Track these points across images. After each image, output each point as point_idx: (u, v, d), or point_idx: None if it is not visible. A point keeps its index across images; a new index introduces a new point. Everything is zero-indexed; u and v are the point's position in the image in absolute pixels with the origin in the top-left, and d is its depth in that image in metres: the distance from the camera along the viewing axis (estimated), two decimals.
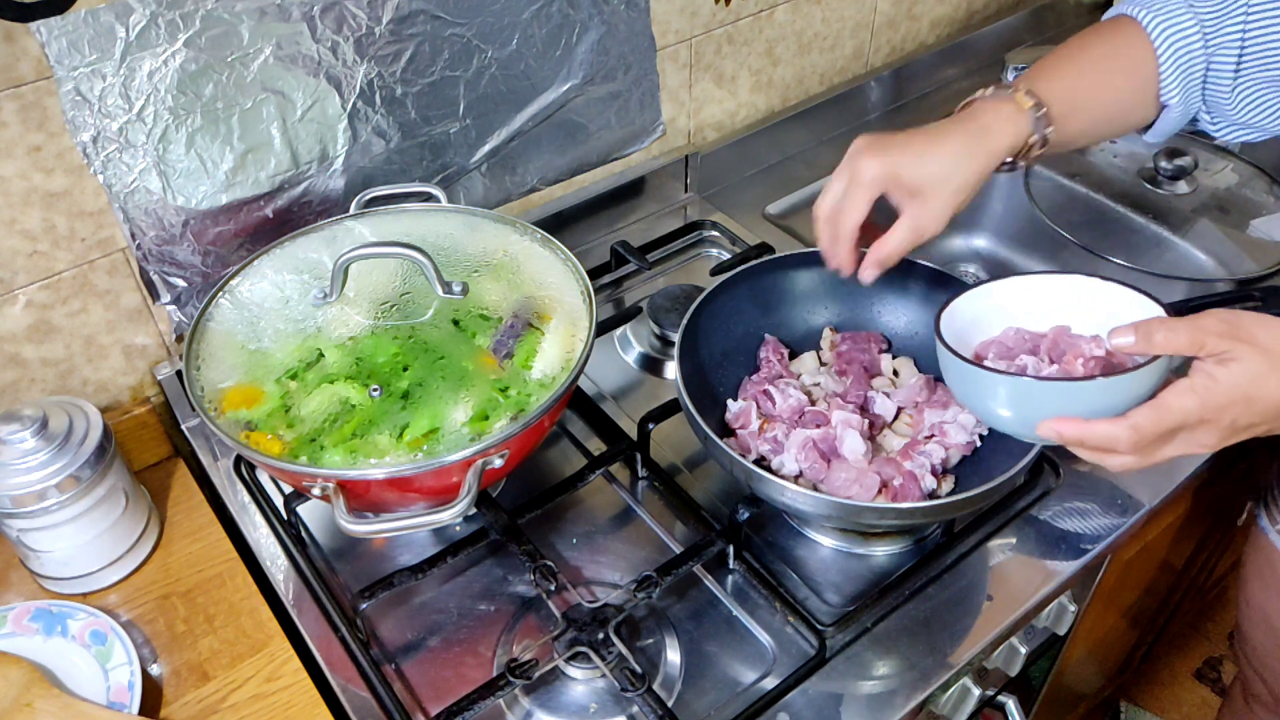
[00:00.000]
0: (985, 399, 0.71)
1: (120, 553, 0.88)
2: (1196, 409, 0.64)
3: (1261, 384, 0.64)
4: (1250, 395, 0.64)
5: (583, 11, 1.08)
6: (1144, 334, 0.65)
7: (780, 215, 1.32)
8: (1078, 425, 0.66)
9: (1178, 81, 0.83)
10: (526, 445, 0.83)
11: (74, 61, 0.81)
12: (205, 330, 0.86)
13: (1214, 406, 0.64)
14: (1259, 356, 0.63)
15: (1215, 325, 0.64)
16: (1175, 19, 0.82)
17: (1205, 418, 0.65)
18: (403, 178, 1.06)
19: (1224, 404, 0.64)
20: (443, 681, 0.81)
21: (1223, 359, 0.64)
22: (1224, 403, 0.64)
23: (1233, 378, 0.64)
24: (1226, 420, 0.65)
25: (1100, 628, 1.26)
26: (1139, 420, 0.65)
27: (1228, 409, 0.64)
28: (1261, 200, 1.30)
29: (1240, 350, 0.63)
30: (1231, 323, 0.64)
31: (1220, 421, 0.65)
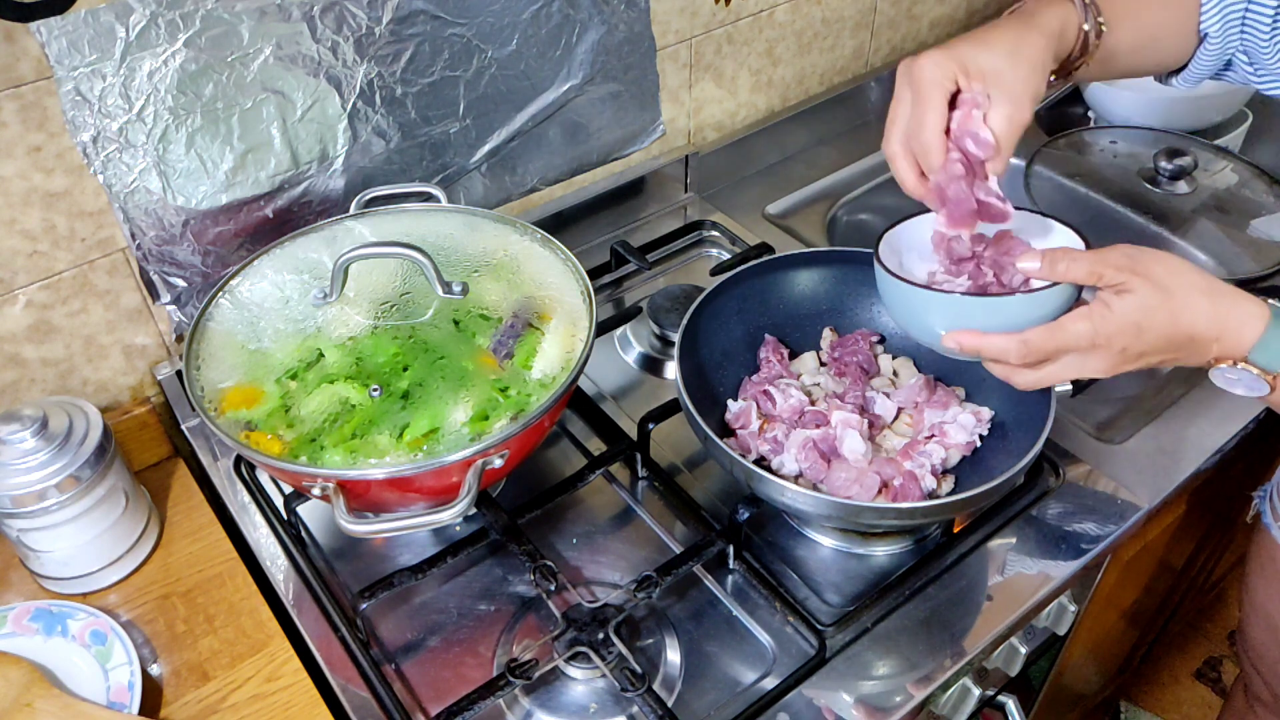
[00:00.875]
0: (910, 314, 0.77)
1: (120, 553, 0.88)
2: (1088, 333, 0.69)
3: (1152, 315, 0.68)
4: (1140, 325, 0.69)
5: (583, 11, 1.08)
6: (1049, 261, 0.70)
7: (780, 215, 1.32)
8: (976, 337, 0.72)
9: (1217, 11, 0.82)
10: (526, 445, 0.83)
11: (74, 61, 0.81)
12: (205, 330, 0.86)
13: (1105, 334, 0.69)
14: (1152, 289, 0.68)
15: (1115, 259, 0.69)
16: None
17: (1096, 343, 0.70)
18: (403, 178, 1.06)
19: (1114, 331, 0.69)
20: (443, 681, 0.81)
21: (1119, 290, 0.69)
22: (1114, 330, 0.69)
23: (1125, 307, 0.69)
24: (1117, 347, 0.70)
25: (1100, 628, 1.26)
26: (1030, 336, 0.70)
27: (1117, 336, 0.69)
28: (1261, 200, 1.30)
29: (1135, 283, 0.68)
30: (1132, 257, 0.69)
31: (1111, 348, 0.70)
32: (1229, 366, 0.71)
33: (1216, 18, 0.83)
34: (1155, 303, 0.68)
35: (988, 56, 0.72)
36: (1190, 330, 0.70)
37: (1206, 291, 0.70)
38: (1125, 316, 0.69)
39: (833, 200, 1.34)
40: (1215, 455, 0.98)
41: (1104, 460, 0.97)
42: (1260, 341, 0.70)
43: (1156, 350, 0.71)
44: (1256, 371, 0.71)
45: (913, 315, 0.78)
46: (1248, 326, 0.70)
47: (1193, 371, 1.06)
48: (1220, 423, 1.00)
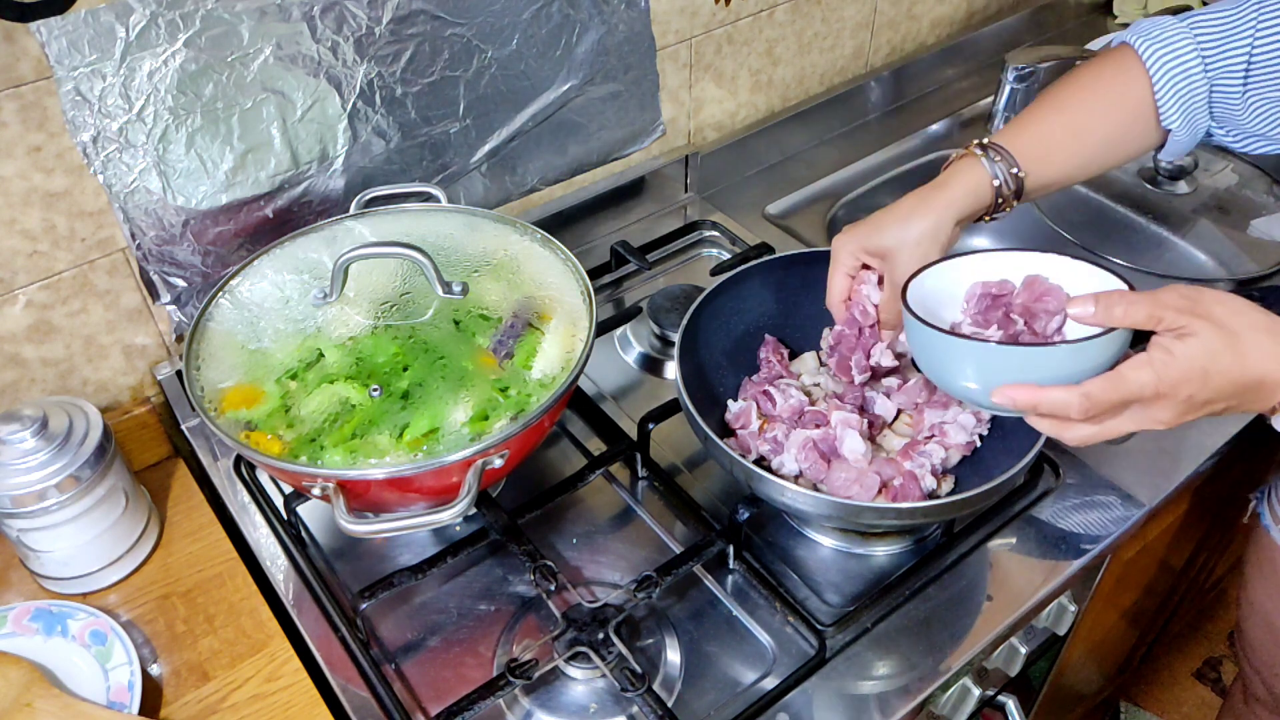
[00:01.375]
0: (946, 367, 0.71)
1: (120, 553, 0.88)
2: (1152, 383, 0.64)
3: (1217, 360, 0.64)
4: (1207, 370, 0.64)
5: (583, 11, 1.08)
6: (1104, 306, 0.65)
7: (780, 215, 1.32)
8: (1031, 391, 0.66)
9: (1177, 108, 0.83)
10: (526, 445, 0.83)
11: (74, 61, 0.81)
12: (205, 330, 0.86)
13: (1170, 381, 0.64)
14: (1216, 332, 0.64)
15: (1174, 300, 0.65)
16: (1171, 45, 0.82)
17: (1161, 392, 0.64)
18: (403, 178, 1.06)
19: (1179, 379, 0.64)
20: (443, 681, 0.81)
21: (1180, 334, 0.64)
22: (1179, 378, 0.64)
23: (1189, 353, 0.64)
24: (1183, 395, 0.65)
25: (1100, 628, 1.26)
26: (1092, 389, 0.64)
27: (1183, 384, 0.64)
28: (1261, 200, 1.30)
29: (1198, 326, 0.64)
30: (1191, 298, 0.65)
31: (1176, 397, 0.65)
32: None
33: (1178, 115, 0.83)
34: (1220, 346, 0.64)
35: (879, 237, 0.82)
36: (1259, 373, 0.65)
37: (1271, 331, 0.65)
38: (1191, 362, 0.64)
39: (833, 200, 1.34)
40: (1215, 456, 0.98)
41: (1104, 460, 0.97)
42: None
43: (1223, 396, 0.66)
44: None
45: (949, 368, 0.71)
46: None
47: None
48: (1220, 423, 1.00)
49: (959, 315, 0.78)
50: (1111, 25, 1.70)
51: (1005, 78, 1.39)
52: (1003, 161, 0.82)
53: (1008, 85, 1.39)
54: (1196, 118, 0.84)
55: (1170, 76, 0.82)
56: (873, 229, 0.83)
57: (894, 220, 0.82)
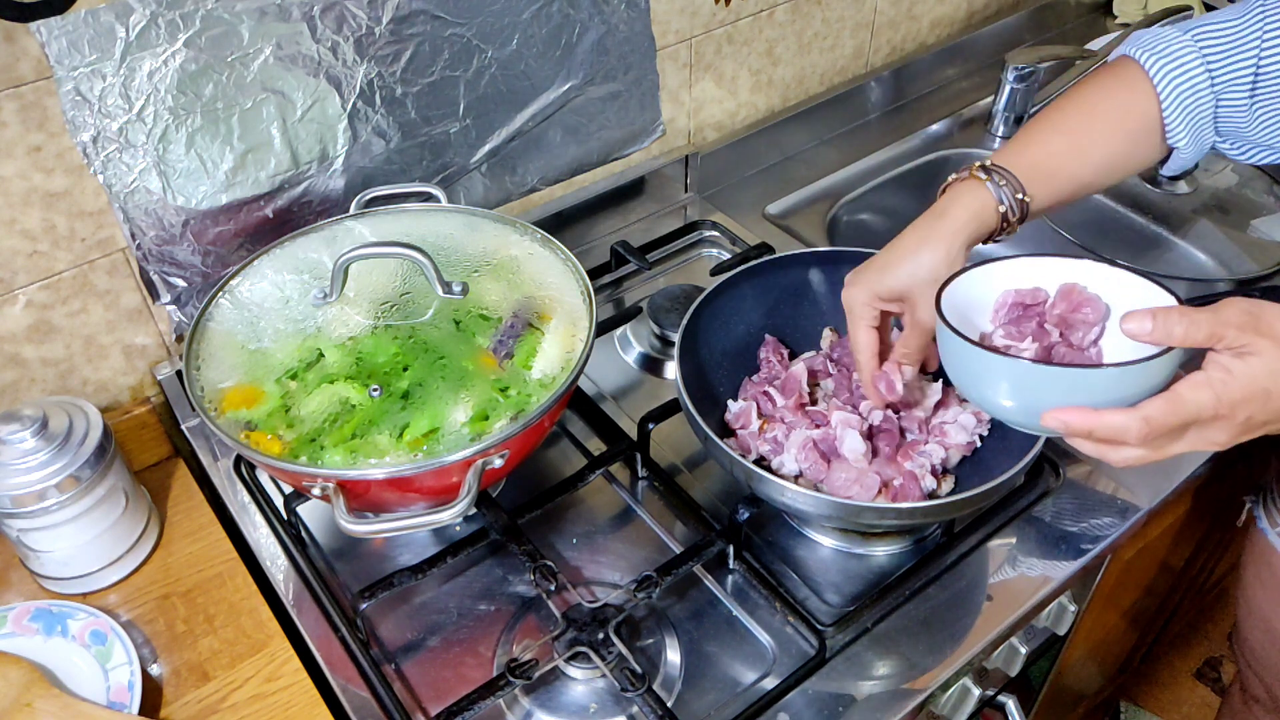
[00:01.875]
0: (987, 386, 0.66)
1: (120, 553, 0.88)
2: (1211, 403, 0.61)
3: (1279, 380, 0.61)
4: (1269, 391, 0.61)
5: (583, 11, 1.08)
6: (1162, 323, 0.61)
7: (780, 215, 1.32)
8: (1086, 415, 0.62)
9: (1184, 125, 0.81)
10: (526, 445, 0.83)
11: (74, 61, 0.81)
12: (205, 330, 0.86)
13: (1229, 402, 0.61)
14: (1278, 351, 0.61)
15: (1236, 317, 0.61)
16: (1179, 60, 0.79)
17: (1220, 413, 0.62)
18: (403, 178, 1.06)
19: (1239, 399, 0.61)
20: (443, 681, 0.81)
21: (1240, 353, 0.61)
22: (1240, 398, 0.61)
23: (1250, 372, 0.61)
24: (1241, 416, 0.62)
25: (1100, 628, 1.26)
26: (1151, 412, 0.61)
27: (1243, 405, 0.62)
28: (1261, 200, 1.30)
29: (1260, 345, 0.61)
30: (1254, 314, 0.61)
31: (1235, 418, 0.62)
32: None
33: (1185, 133, 0.81)
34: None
35: (893, 280, 0.80)
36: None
37: None
38: (1253, 382, 0.61)
39: (833, 200, 1.34)
40: (1215, 456, 0.98)
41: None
42: None
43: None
44: None
45: (987, 385, 0.66)
46: None
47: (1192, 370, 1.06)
48: None
49: (989, 325, 0.75)
50: (1111, 25, 1.70)
51: (1005, 78, 1.39)
52: (1007, 185, 0.79)
53: (1008, 85, 1.39)
54: (1202, 134, 0.82)
55: (1179, 94, 0.80)
56: (882, 272, 0.80)
57: (903, 258, 0.79)
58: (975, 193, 0.80)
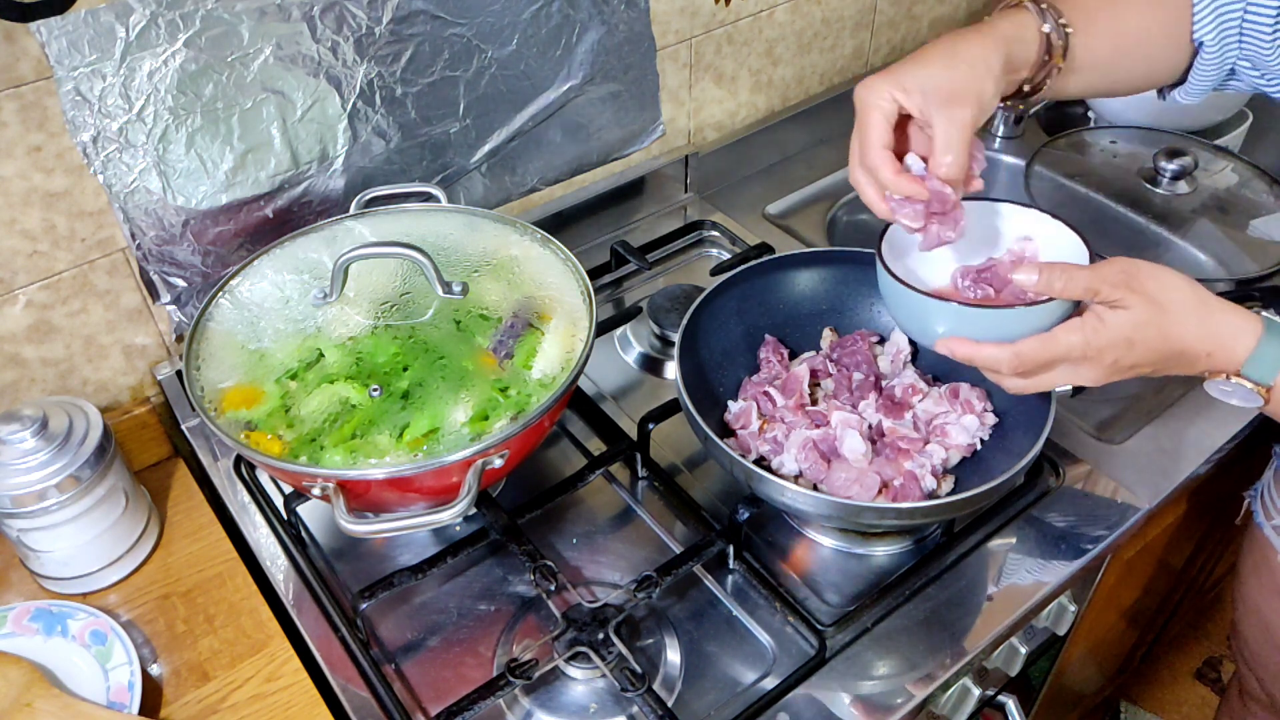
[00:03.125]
0: (901, 311, 0.79)
1: (120, 553, 0.88)
2: (1080, 345, 0.70)
3: (1143, 330, 0.70)
4: (1131, 340, 0.70)
5: (583, 11, 1.08)
6: (1045, 277, 0.70)
7: (780, 215, 1.32)
8: (969, 345, 0.73)
9: (1211, 18, 0.81)
10: (526, 445, 0.83)
11: (74, 61, 0.81)
12: (205, 330, 0.86)
13: (1096, 346, 0.70)
14: (1146, 305, 0.69)
15: (1112, 275, 0.70)
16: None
17: (1088, 355, 0.71)
18: (403, 178, 1.06)
19: (1105, 345, 0.70)
20: (443, 681, 0.81)
21: (1114, 305, 0.70)
22: (1105, 344, 0.70)
23: (1118, 322, 0.70)
24: (1108, 360, 0.71)
25: (1100, 628, 1.26)
26: (1023, 348, 0.71)
27: (1109, 350, 0.70)
28: (1261, 200, 1.30)
29: (1131, 299, 0.69)
30: (1128, 273, 0.70)
31: (1101, 360, 0.71)
32: (1223, 380, 0.72)
33: (1211, 24, 0.81)
34: (1147, 318, 0.70)
35: (922, 70, 0.72)
36: (1180, 345, 0.71)
37: (1198, 307, 0.71)
38: (1117, 331, 0.70)
39: (833, 200, 1.34)
40: (1215, 455, 0.98)
41: (1104, 460, 0.97)
42: (1252, 356, 0.71)
43: (1147, 363, 0.72)
44: (1250, 385, 0.72)
45: (911, 318, 0.79)
46: (1240, 341, 0.71)
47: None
48: (1220, 423, 1.00)
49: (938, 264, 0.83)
50: None
51: None
52: (1051, 11, 0.77)
53: None
54: (1227, 39, 0.81)
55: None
56: (913, 63, 0.73)
57: (936, 53, 0.73)
58: (1019, 15, 0.77)
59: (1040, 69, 0.78)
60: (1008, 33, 0.75)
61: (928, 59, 0.73)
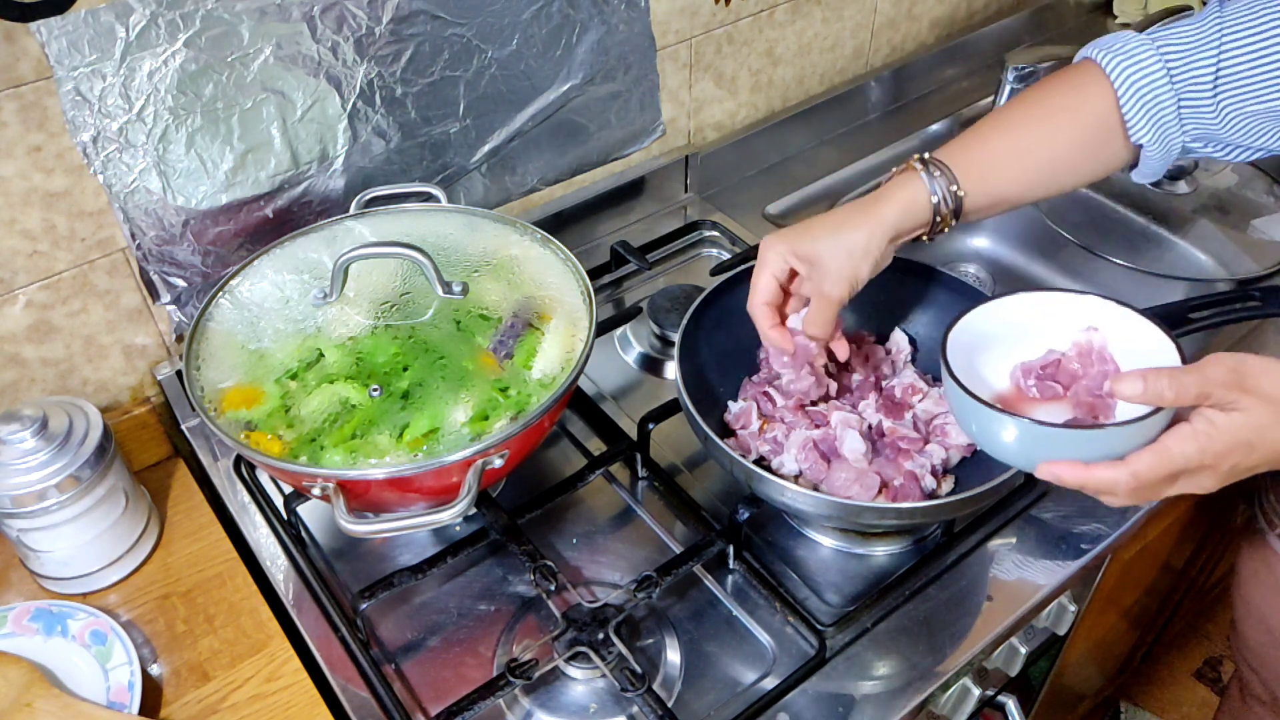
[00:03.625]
0: (987, 433, 0.71)
1: (120, 553, 0.88)
2: (1196, 455, 0.64)
3: (1264, 433, 0.64)
4: (1252, 443, 0.64)
5: (583, 11, 1.08)
6: (1152, 387, 0.64)
7: (780, 215, 1.32)
8: (1077, 470, 0.66)
9: (1145, 120, 0.80)
10: (526, 445, 0.83)
11: (74, 61, 0.81)
12: (205, 330, 0.86)
13: (1214, 453, 0.64)
14: (1263, 407, 0.63)
15: (1222, 376, 0.64)
16: (1135, 58, 0.79)
17: (1205, 463, 0.65)
18: (403, 178, 1.06)
19: (1224, 451, 0.64)
20: (443, 681, 0.81)
21: (1226, 408, 0.64)
22: (1224, 450, 0.64)
23: (1234, 426, 0.64)
24: (1226, 466, 0.65)
25: (1100, 628, 1.26)
26: (1139, 467, 0.65)
27: (1228, 456, 0.64)
28: (1261, 200, 1.30)
29: (1245, 401, 0.63)
30: (1238, 371, 0.64)
31: (1220, 467, 0.65)
32: None
33: (1147, 129, 0.80)
34: (1267, 420, 0.64)
35: (810, 243, 0.81)
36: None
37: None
38: (1234, 435, 0.64)
39: (833, 200, 1.34)
40: None
41: None
42: None
43: (1266, 463, 0.66)
44: None
45: (992, 437, 0.70)
46: None
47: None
48: None
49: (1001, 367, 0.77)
50: (1111, 25, 1.70)
51: (1005, 78, 1.38)
52: (943, 178, 0.80)
53: (1008, 85, 1.39)
54: (1168, 132, 0.81)
55: (1137, 89, 0.79)
56: (803, 233, 0.82)
57: (826, 228, 0.81)
58: (911, 183, 0.81)
59: (933, 228, 0.82)
60: (892, 214, 0.80)
61: (815, 234, 0.81)
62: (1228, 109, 0.78)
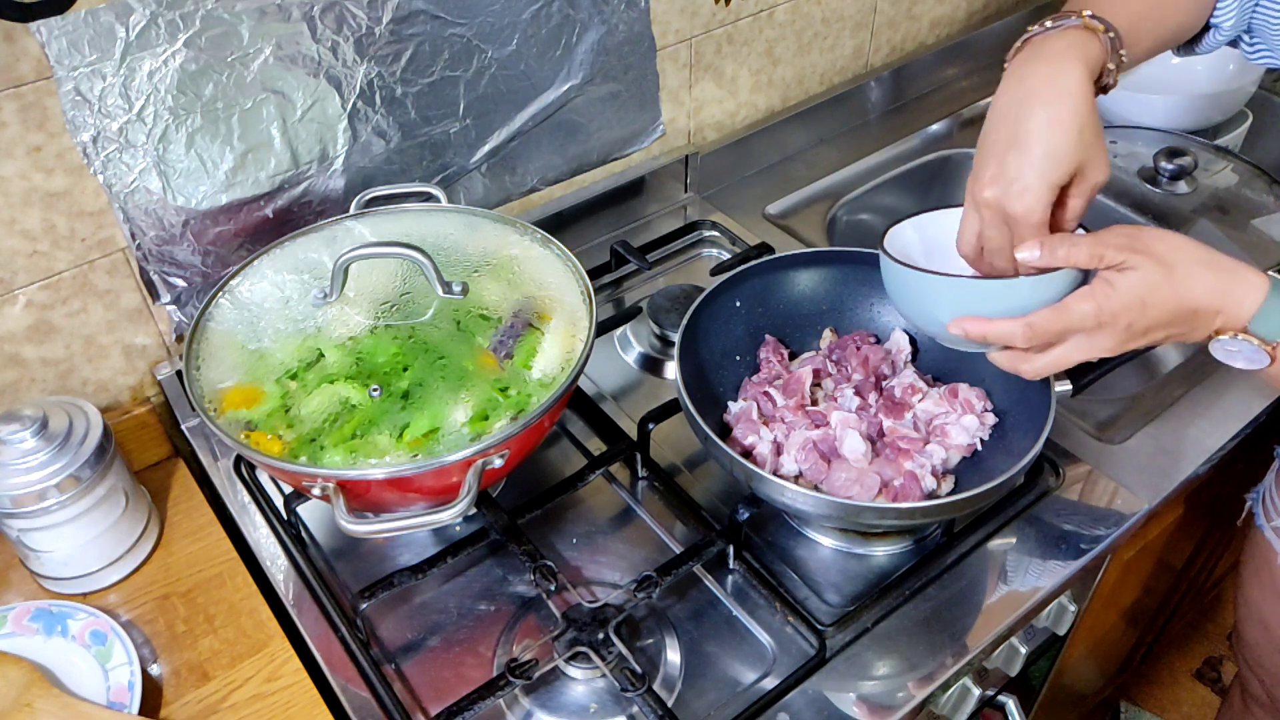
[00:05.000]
0: (914, 301, 0.78)
1: (120, 553, 0.88)
2: (1093, 312, 0.69)
3: (1155, 291, 0.68)
4: (1145, 301, 0.69)
5: (583, 11, 1.08)
6: (1048, 248, 0.70)
7: (780, 215, 1.32)
8: (981, 323, 0.72)
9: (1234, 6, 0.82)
10: (526, 445, 0.83)
11: (74, 61, 0.81)
12: (205, 330, 0.86)
13: (1109, 311, 0.69)
14: (1155, 266, 0.68)
15: (1115, 239, 0.69)
16: None
17: (1102, 321, 0.69)
18: (403, 178, 1.06)
19: (1119, 309, 0.69)
20: (443, 681, 0.81)
21: (1121, 268, 0.69)
22: (1118, 308, 0.69)
23: (1128, 284, 0.68)
24: (1122, 324, 0.69)
25: (1100, 628, 1.26)
26: (1035, 319, 0.70)
27: (1122, 314, 0.69)
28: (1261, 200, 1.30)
29: (1137, 260, 0.68)
30: (1131, 235, 0.69)
31: (1116, 325, 0.70)
32: (1229, 338, 0.71)
33: (1234, 7, 0.82)
34: (1158, 278, 0.68)
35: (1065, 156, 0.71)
36: (1194, 303, 0.69)
37: (1208, 264, 0.70)
38: (1130, 292, 0.68)
39: (833, 200, 1.34)
40: (1215, 456, 0.98)
41: (1104, 460, 0.97)
42: (1260, 311, 0.70)
43: (1161, 325, 0.70)
44: (1257, 342, 0.70)
45: (916, 302, 0.78)
46: (1249, 297, 0.70)
47: (1192, 370, 1.06)
48: (1220, 423, 1.00)
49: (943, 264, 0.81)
50: None
51: None
52: (1114, 46, 0.74)
53: None
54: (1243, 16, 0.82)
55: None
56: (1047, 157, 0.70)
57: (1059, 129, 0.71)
58: (1089, 47, 0.73)
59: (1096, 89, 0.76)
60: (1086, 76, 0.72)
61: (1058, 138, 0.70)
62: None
